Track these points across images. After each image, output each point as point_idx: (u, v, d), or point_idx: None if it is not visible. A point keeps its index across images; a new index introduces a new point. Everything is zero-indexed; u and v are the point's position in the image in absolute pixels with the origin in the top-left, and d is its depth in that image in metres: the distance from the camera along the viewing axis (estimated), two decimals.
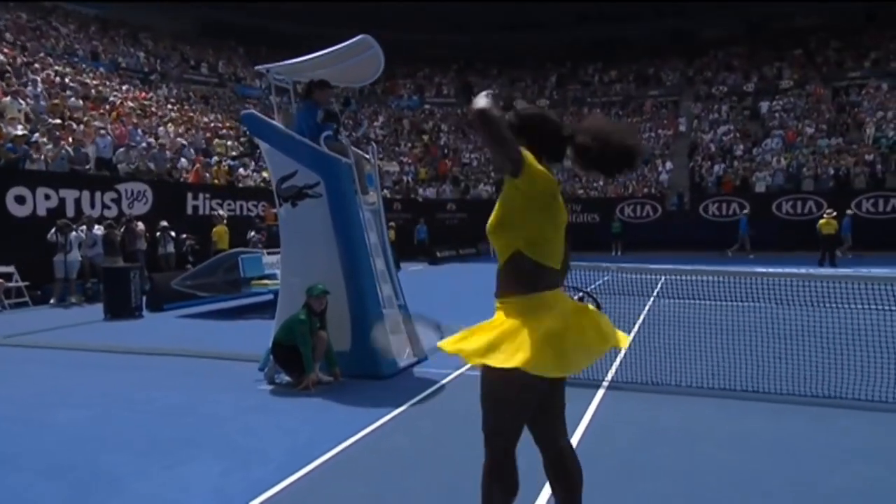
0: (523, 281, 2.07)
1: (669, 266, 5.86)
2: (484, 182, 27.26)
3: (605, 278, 8.80)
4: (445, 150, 30.20)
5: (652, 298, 8.87)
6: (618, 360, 5.89)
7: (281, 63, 6.20)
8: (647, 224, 23.32)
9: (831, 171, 21.99)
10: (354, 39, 5.78)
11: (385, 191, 25.33)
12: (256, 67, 6.90)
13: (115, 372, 6.01)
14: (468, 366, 5.93)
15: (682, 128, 28.36)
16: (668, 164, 25.75)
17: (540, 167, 2.02)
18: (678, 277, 6.73)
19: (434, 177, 28.06)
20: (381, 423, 4.31)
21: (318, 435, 4.09)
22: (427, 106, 34.56)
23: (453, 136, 31.50)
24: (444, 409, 4.67)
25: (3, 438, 4.09)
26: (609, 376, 5.39)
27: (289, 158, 5.82)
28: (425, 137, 31.19)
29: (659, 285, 9.25)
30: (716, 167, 24.33)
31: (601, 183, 25.71)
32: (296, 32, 33.62)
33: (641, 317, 8.05)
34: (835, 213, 17.05)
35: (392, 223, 20.63)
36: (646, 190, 24.55)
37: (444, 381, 5.40)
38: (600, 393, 4.96)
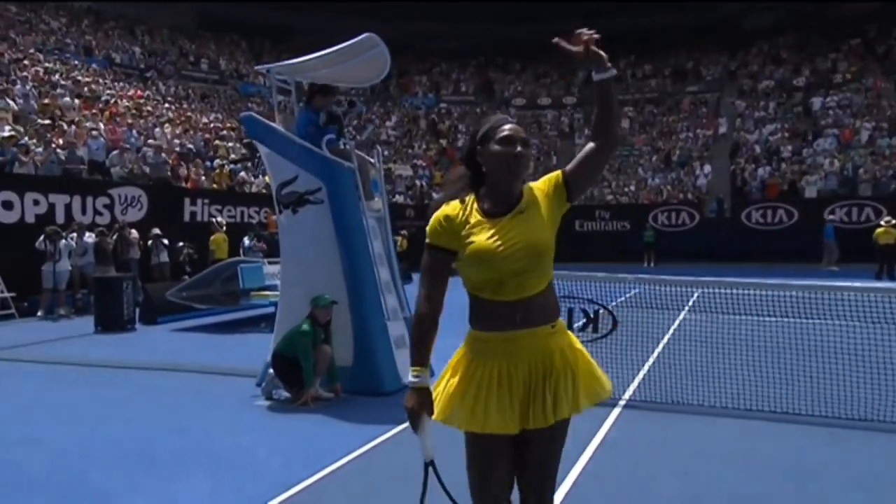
0: None
1: (689, 278, 6.01)
2: None
3: (635, 290, 8.96)
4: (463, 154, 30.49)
5: (684, 313, 8.99)
6: (638, 377, 6.04)
7: (282, 63, 6.50)
8: (682, 232, 23.32)
9: (891, 174, 21.82)
10: (359, 38, 6.05)
11: (397, 196, 25.69)
12: (257, 67, 7.22)
13: (106, 387, 6.30)
14: None
15: (723, 127, 28.33)
16: (707, 167, 25.73)
17: None
18: (711, 290, 6.86)
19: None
20: (381, 440, 4.52)
21: (314, 452, 4.31)
22: (444, 104, 34.93)
23: None
24: (442, 427, 4.87)
25: None
26: (627, 395, 5.55)
27: (289, 163, 6.09)
28: (442, 141, 31.44)
29: (692, 299, 9.37)
30: (760, 170, 24.27)
31: (632, 188, 25.78)
32: (301, 25, 34.27)
33: (670, 332, 8.18)
34: (894, 221, 16.95)
35: (404, 231, 20.93)
36: (682, 195, 24.55)
37: None
38: (616, 412, 5.12)
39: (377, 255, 6.17)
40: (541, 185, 2.16)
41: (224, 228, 14.51)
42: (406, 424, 1.93)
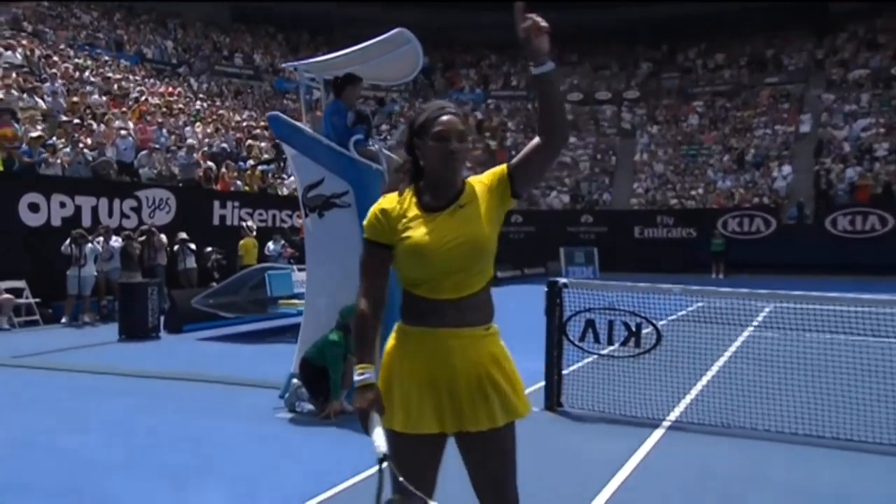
0: None
1: (743, 289, 6.01)
2: (557, 190, 27.45)
3: (699, 304, 8.93)
4: (512, 153, 30.62)
5: (750, 329, 8.93)
6: (687, 397, 6.08)
7: (310, 60, 6.83)
8: (756, 241, 22.90)
9: None
10: (389, 33, 6.32)
11: None
12: (284, 65, 7.57)
13: (126, 397, 6.71)
14: None
15: (807, 123, 27.68)
16: (787, 168, 25.20)
17: None
18: (783, 304, 6.81)
19: None
20: None
21: (333, 465, 4.54)
22: (492, 100, 35.18)
23: (522, 136, 31.92)
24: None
25: (7, 463, 4.75)
26: (672, 415, 5.61)
27: (315, 164, 6.38)
28: (490, 140, 31.55)
29: (762, 315, 9.28)
30: (849, 171, 23.62)
31: (700, 191, 25.41)
32: (341, 16, 35.04)
33: (731, 349, 8.16)
34: None
35: None
36: (756, 199, 24.12)
37: None
38: (657, 433, 5.20)
39: None
40: (484, 180, 2.22)
41: (254, 233, 15.00)
42: None
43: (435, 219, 2.16)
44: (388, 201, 2.23)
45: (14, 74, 16.46)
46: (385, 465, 2.00)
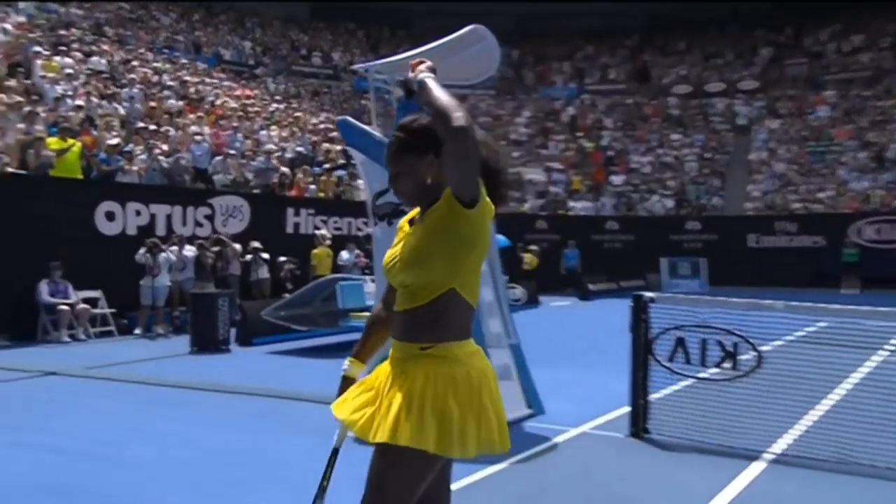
0: (459, 322, 2.35)
1: (868, 307, 5.73)
2: (659, 193, 26.89)
3: (823, 324, 8.59)
4: (609, 153, 30.23)
5: (884, 354, 8.49)
6: (795, 428, 5.87)
7: (380, 61, 7.08)
8: None
9: None
10: (464, 30, 6.49)
11: (526, 204, 26.04)
12: (354, 66, 7.86)
13: (191, 409, 7.14)
14: (592, 423, 6.26)
15: None
16: None
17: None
18: None
19: (591, 187, 28.23)
20: (471, 480, 4.80)
21: None
22: (587, 95, 34.87)
23: (620, 134, 31.48)
24: (546, 470, 5.12)
25: (64, 473, 5.13)
26: (776, 447, 5.44)
27: (385, 171, 6.57)
28: (584, 140, 31.26)
29: None
30: None
31: (830, 193, 24.30)
32: (423, 9, 35.70)
33: (855, 376, 7.78)
34: None
35: (534, 246, 21.19)
36: None
37: (557, 439, 5.79)
38: (756, 466, 5.07)
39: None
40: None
41: (328, 242, 15.48)
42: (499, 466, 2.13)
43: (405, 233, 2.44)
44: (410, 214, 2.53)
45: (94, 81, 17.72)
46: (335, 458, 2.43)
